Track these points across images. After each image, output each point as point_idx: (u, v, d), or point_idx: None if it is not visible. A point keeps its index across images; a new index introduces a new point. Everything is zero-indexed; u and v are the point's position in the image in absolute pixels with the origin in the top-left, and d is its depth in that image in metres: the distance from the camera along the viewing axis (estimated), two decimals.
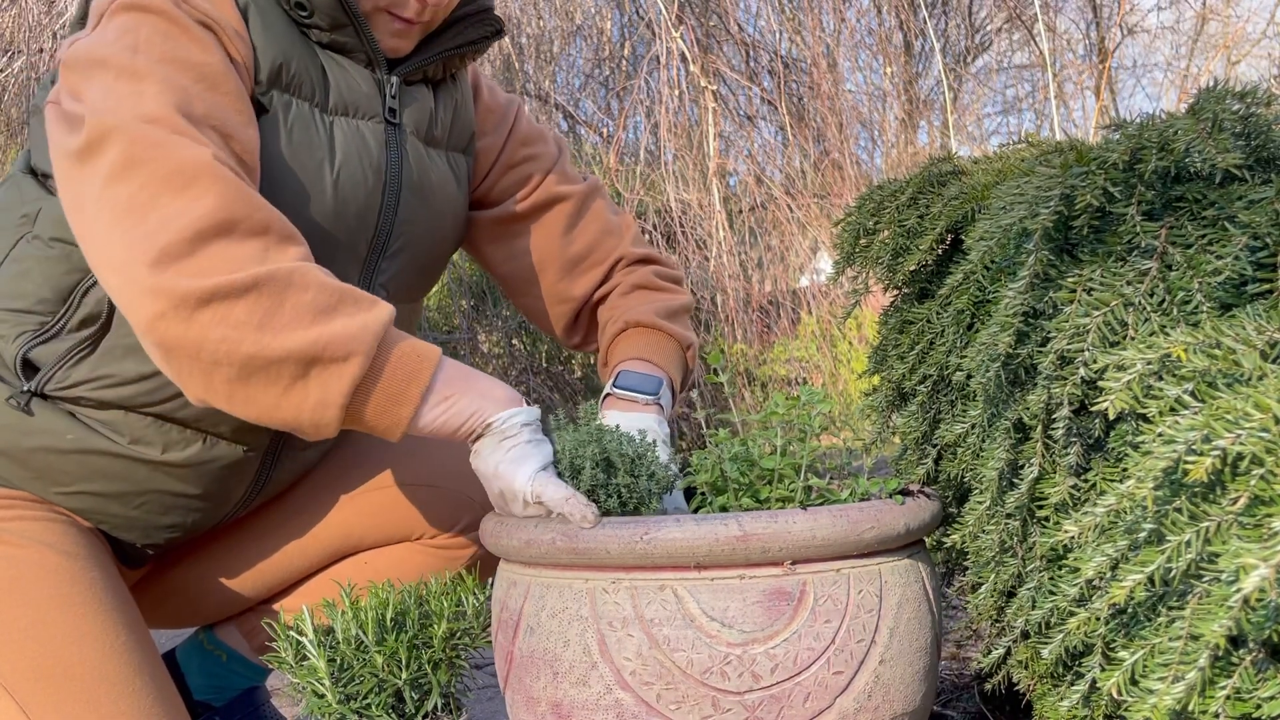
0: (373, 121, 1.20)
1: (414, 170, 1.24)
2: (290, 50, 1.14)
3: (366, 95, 1.20)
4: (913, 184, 1.18)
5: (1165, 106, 4.80)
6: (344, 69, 1.18)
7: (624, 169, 4.88)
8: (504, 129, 1.40)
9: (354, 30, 1.17)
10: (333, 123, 1.17)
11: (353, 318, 0.96)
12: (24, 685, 1.04)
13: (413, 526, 1.38)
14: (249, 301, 0.93)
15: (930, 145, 6.31)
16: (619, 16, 5.50)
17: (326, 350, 0.94)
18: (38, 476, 1.15)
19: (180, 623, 1.41)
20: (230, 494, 1.25)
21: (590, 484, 0.97)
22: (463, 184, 1.35)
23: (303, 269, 0.97)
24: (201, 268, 0.93)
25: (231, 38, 1.09)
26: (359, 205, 1.18)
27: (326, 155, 1.15)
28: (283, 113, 1.13)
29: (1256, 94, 0.83)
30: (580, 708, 0.88)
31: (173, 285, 0.92)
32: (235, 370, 0.95)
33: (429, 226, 1.29)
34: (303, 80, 1.14)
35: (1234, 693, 0.62)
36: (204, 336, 0.93)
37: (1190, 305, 0.76)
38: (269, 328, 0.93)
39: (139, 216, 0.95)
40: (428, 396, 0.99)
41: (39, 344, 1.12)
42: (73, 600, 1.08)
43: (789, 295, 4.83)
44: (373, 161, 1.19)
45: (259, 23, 1.12)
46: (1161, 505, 0.62)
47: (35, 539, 1.12)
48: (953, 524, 1.01)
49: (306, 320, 0.94)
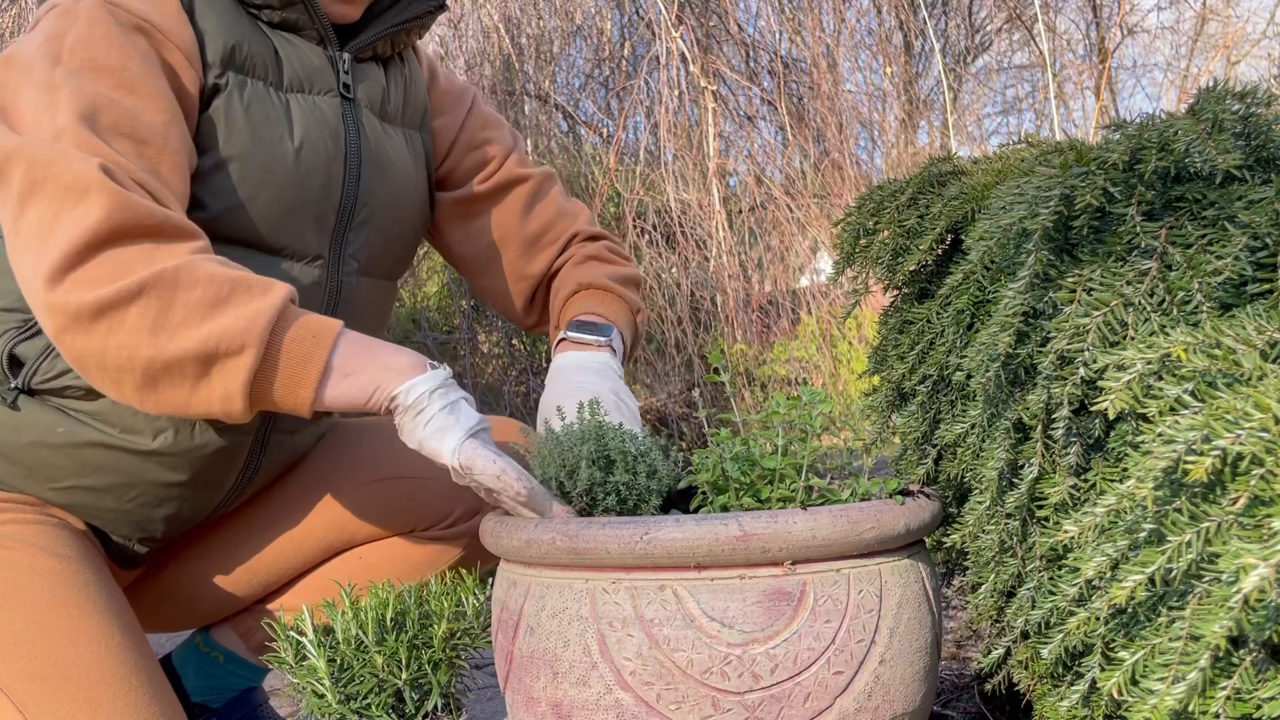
0: (328, 96, 1.23)
1: (371, 143, 1.27)
2: (240, 33, 1.15)
3: (320, 71, 1.22)
4: (913, 184, 1.18)
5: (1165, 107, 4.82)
6: (296, 47, 1.20)
7: (624, 169, 4.88)
8: (461, 109, 1.43)
9: (303, 6, 1.19)
10: (289, 99, 1.19)
11: (244, 307, 0.97)
12: (21, 686, 1.04)
13: (406, 519, 1.38)
14: (139, 307, 0.95)
15: (930, 145, 6.31)
16: (619, 17, 5.50)
17: (220, 345, 0.96)
18: (30, 474, 1.15)
19: (176, 625, 1.41)
20: (222, 480, 1.26)
21: (588, 483, 0.97)
22: (420, 161, 1.37)
23: (190, 264, 0.97)
24: (90, 279, 0.95)
25: (167, 35, 1.10)
26: (322, 175, 1.20)
27: (286, 129, 1.17)
28: (238, 91, 1.14)
29: (1256, 94, 0.83)
30: (580, 708, 0.88)
31: (66, 300, 0.95)
32: (139, 375, 0.97)
33: (391, 198, 1.31)
34: (255, 61, 1.16)
35: (1234, 693, 0.62)
36: (104, 346, 0.95)
37: (1190, 305, 0.76)
38: (163, 330, 0.95)
39: (43, 238, 0.97)
40: (326, 377, 1.00)
41: (23, 340, 1.13)
42: (67, 602, 1.08)
43: (789, 295, 4.83)
44: (332, 133, 1.22)
45: (206, 9, 1.14)
46: (1161, 505, 0.62)
47: (28, 542, 1.12)
48: (953, 524, 1.01)
49: (198, 318, 0.96)
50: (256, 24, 1.18)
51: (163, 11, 1.11)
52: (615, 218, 4.80)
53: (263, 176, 1.14)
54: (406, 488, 1.39)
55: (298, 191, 1.18)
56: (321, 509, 1.38)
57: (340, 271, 1.25)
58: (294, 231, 1.18)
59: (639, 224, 4.68)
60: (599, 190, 4.82)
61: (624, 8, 5.38)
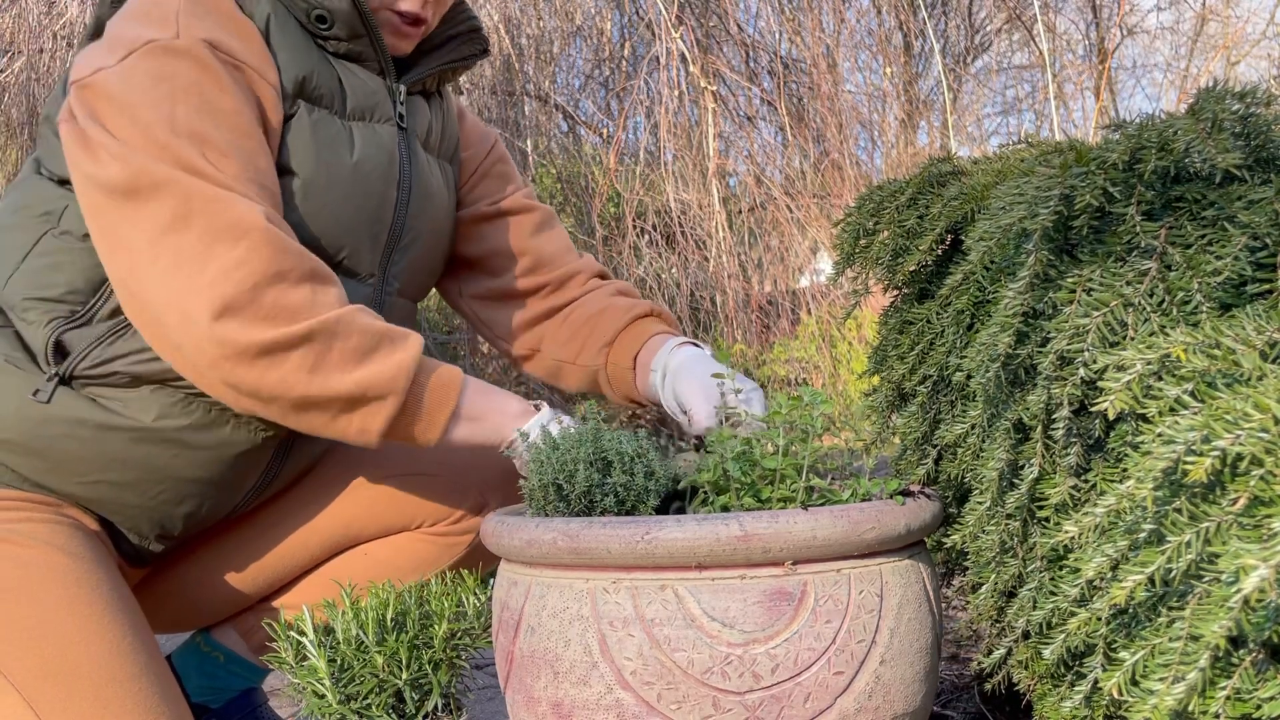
0: (387, 124, 1.29)
1: (421, 172, 1.34)
2: (310, 64, 1.21)
3: (380, 101, 1.28)
4: (912, 184, 1.18)
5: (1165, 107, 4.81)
6: (358, 77, 1.26)
7: (624, 169, 4.88)
8: (486, 145, 1.53)
9: (369, 40, 1.26)
10: (352, 127, 1.25)
11: (389, 358, 1.09)
12: (32, 684, 1.04)
13: (412, 516, 1.40)
14: (302, 352, 1.06)
15: (930, 146, 6.31)
16: (619, 17, 5.50)
17: (368, 392, 1.08)
18: (55, 468, 1.16)
19: (180, 625, 1.42)
20: (244, 482, 1.28)
21: (586, 485, 0.97)
22: (452, 191, 1.45)
23: (348, 317, 1.08)
24: (259, 319, 1.04)
25: (260, 71, 1.16)
26: (378, 197, 1.26)
27: (349, 151, 1.23)
28: (308, 117, 1.20)
29: (1256, 94, 0.83)
30: (581, 708, 0.88)
31: (236, 336, 1.04)
32: (289, 405, 1.08)
33: (432, 225, 1.38)
34: (323, 91, 1.22)
35: (1234, 693, 0.62)
36: (262, 379, 1.06)
37: (1190, 305, 0.76)
38: (319, 372, 1.07)
39: (198, 266, 1.04)
40: (455, 421, 1.14)
41: (71, 329, 1.16)
42: (79, 601, 1.09)
43: (789, 295, 4.83)
44: (389, 158, 1.28)
45: (281, 41, 1.20)
46: (1161, 506, 0.62)
47: (41, 540, 1.12)
48: (953, 524, 1.01)
49: (351, 365, 1.08)
50: (324, 54, 1.24)
51: (253, 50, 1.16)
52: (615, 218, 4.80)
53: (325, 194, 1.20)
54: (412, 484, 1.40)
55: (356, 210, 1.23)
56: (329, 507, 1.39)
57: (384, 291, 1.31)
58: (351, 248, 1.24)
59: (639, 224, 4.68)
60: (599, 190, 4.81)
61: (624, 8, 5.38)
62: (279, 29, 1.20)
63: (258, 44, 1.17)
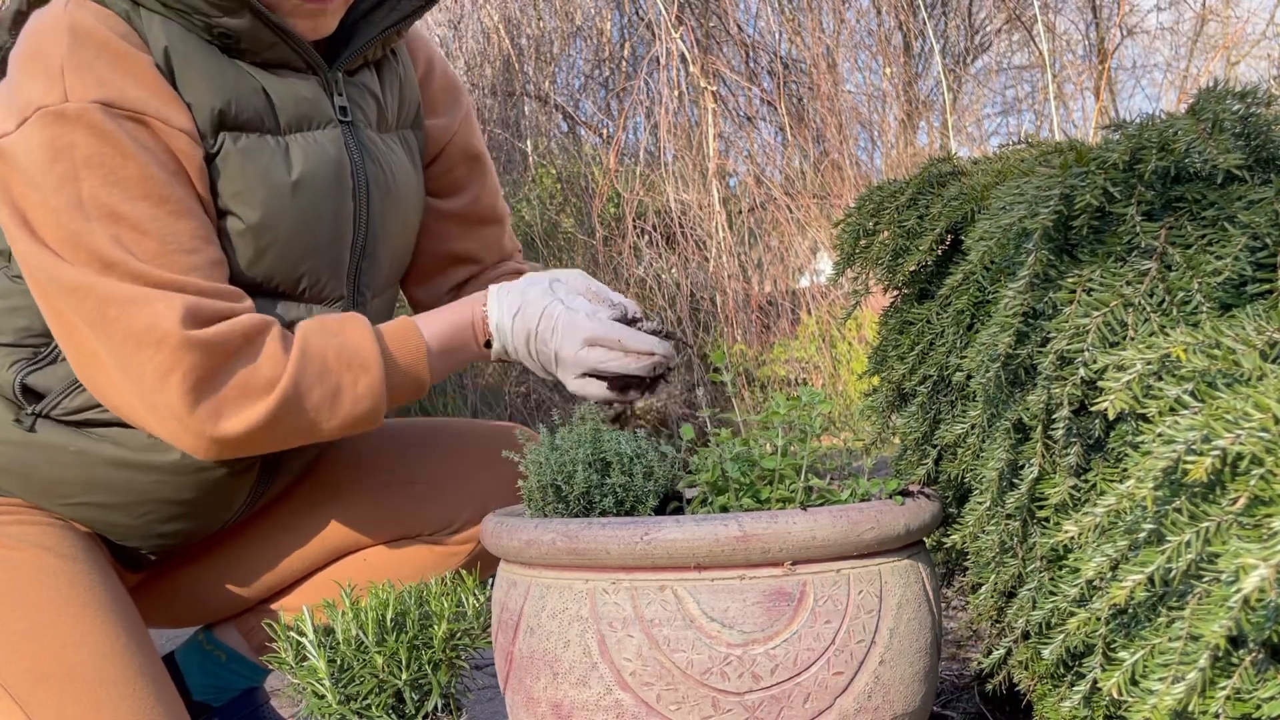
0: (328, 129, 1.19)
1: (377, 166, 1.24)
2: (227, 89, 1.10)
3: (314, 103, 1.17)
4: (912, 185, 1.18)
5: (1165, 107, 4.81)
6: (286, 83, 1.16)
7: (624, 169, 4.88)
8: (458, 113, 1.41)
9: (285, 44, 1.14)
10: (288, 143, 1.15)
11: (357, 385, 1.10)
12: (25, 687, 1.04)
13: (412, 524, 1.38)
14: (276, 427, 1.07)
15: (930, 146, 6.31)
16: (619, 17, 5.50)
17: (356, 424, 1.12)
18: (41, 490, 1.16)
19: (181, 623, 1.42)
20: (232, 501, 1.26)
21: (584, 486, 0.97)
22: (417, 160, 1.35)
23: (298, 373, 1.07)
24: (219, 412, 1.04)
25: (165, 118, 1.06)
26: (332, 217, 1.18)
27: (287, 177, 1.14)
28: (234, 149, 1.11)
29: (1256, 94, 0.83)
30: (580, 708, 0.88)
31: (211, 431, 1.04)
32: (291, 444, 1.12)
33: (400, 218, 1.30)
34: (249, 115, 1.12)
35: (1234, 693, 0.62)
36: (255, 448, 1.09)
37: (1190, 305, 0.76)
38: (304, 434, 1.10)
39: (136, 372, 1.02)
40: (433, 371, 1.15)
41: (34, 371, 1.13)
42: (72, 603, 1.08)
43: (789, 296, 4.83)
44: (336, 169, 1.18)
45: (187, 72, 1.09)
46: (1161, 505, 0.62)
47: (33, 542, 1.12)
48: (953, 524, 1.01)
49: (328, 413, 1.09)
50: (239, 69, 1.12)
51: (152, 92, 1.06)
52: (615, 218, 4.80)
53: (271, 232, 1.13)
54: (412, 494, 1.39)
55: (310, 239, 1.16)
56: (328, 515, 1.38)
57: (357, 305, 1.26)
58: (311, 277, 1.18)
59: (639, 224, 4.68)
60: (599, 190, 4.81)
61: (624, 8, 5.38)
62: (182, 59, 1.08)
63: (156, 84, 1.06)
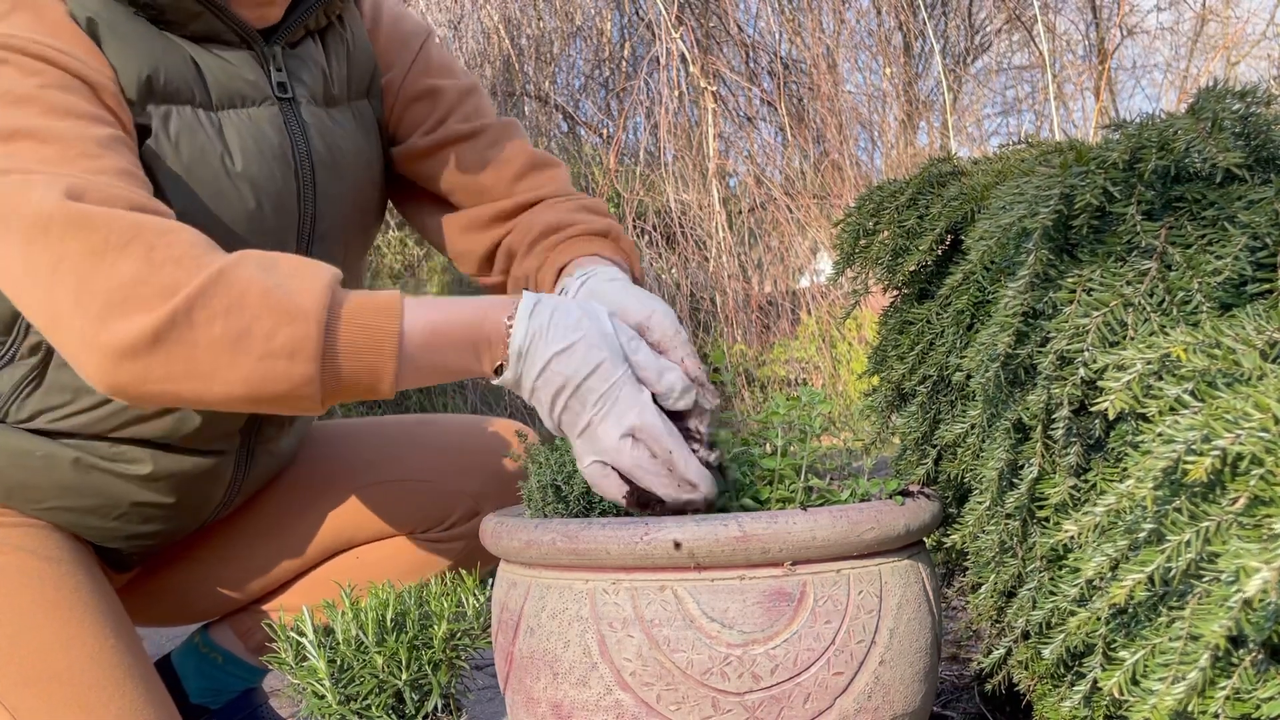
0: (265, 106, 1.11)
1: (320, 144, 1.16)
2: (154, 58, 1.03)
3: (249, 80, 1.10)
4: (912, 185, 1.18)
5: (1165, 107, 4.82)
6: (219, 58, 1.08)
7: (624, 169, 4.88)
8: (407, 58, 1.27)
9: (213, 15, 1.07)
10: (221, 120, 1.08)
11: (273, 337, 0.87)
12: (13, 691, 1.03)
13: (405, 521, 1.38)
14: (165, 355, 0.86)
15: (930, 146, 6.31)
16: (619, 17, 5.50)
17: (264, 393, 0.89)
18: (11, 493, 1.14)
19: (172, 622, 1.41)
20: (209, 498, 1.25)
21: (584, 485, 0.97)
22: (372, 132, 1.25)
23: (201, 294, 0.86)
24: (131, 306, 0.86)
25: (91, 66, 0.99)
26: (274, 200, 1.11)
27: (223, 156, 1.07)
28: (163, 125, 1.04)
29: (1256, 94, 0.83)
30: (580, 708, 0.88)
31: (115, 339, 0.86)
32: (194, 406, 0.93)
33: (351, 195, 1.21)
34: (178, 85, 1.05)
35: (1234, 693, 0.62)
36: (147, 379, 0.87)
37: (1190, 305, 0.76)
38: (195, 375, 0.88)
39: (37, 277, 0.88)
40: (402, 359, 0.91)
41: None
42: (58, 605, 1.07)
43: (789, 296, 4.83)
44: (275, 149, 1.11)
45: (112, 42, 1.02)
46: (1161, 505, 0.62)
47: (16, 545, 1.11)
48: (953, 524, 1.01)
49: (226, 360, 0.87)
50: (169, 40, 1.05)
51: (78, 44, 0.99)
52: (616, 218, 4.80)
53: (209, 214, 1.06)
54: (404, 490, 1.38)
55: (252, 223, 1.09)
56: (319, 513, 1.37)
57: None
58: None
59: (639, 224, 4.68)
60: (599, 190, 4.81)
61: (624, 8, 5.38)
62: (107, 26, 1.01)
63: (76, 37, 0.99)
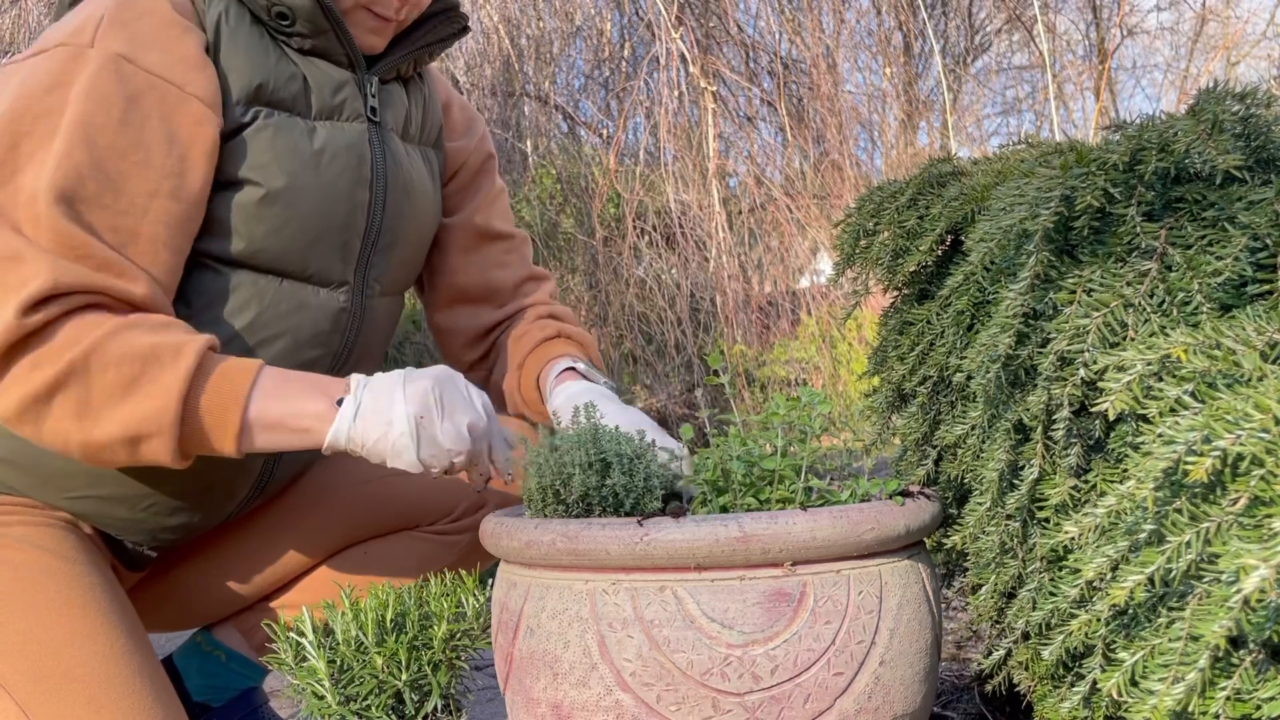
0: (356, 122, 1.23)
1: (398, 167, 1.28)
2: (267, 68, 1.15)
3: (348, 97, 1.22)
4: (912, 185, 1.18)
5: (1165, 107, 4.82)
6: (324, 73, 1.21)
7: (624, 170, 4.88)
8: (474, 137, 1.47)
9: (334, 35, 1.19)
10: (316, 127, 1.19)
11: (155, 385, 1.01)
12: (25, 687, 1.04)
13: (410, 516, 1.40)
14: (60, 399, 1.00)
15: (930, 146, 6.31)
16: (619, 17, 5.50)
17: (141, 430, 1.01)
18: (44, 483, 1.16)
19: (179, 625, 1.42)
20: (235, 492, 1.27)
21: (581, 489, 0.97)
22: (435, 178, 1.39)
23: (101, 346, 1.00)
24: (4, 384, 0.99)
25: (183, 87, 1.08)
26: (347, 204, 1.21)
27: (312, 156, 1.18)
28: (265, 123, 1.15)
29: (1256, 95, 0.83)
30: (580, 709, 0.88)
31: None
32: (78, 453, 1.03)
33: (415, 222, 1.33)
34: (283, 94, 1.17)
35: (1234, 693, 0.62)
36: (39, 435, 1.02)
37: (1190, 306, 0.76)
38: (86, 417, 1.01)
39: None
40: (247, 435, 1.05)
41: None
42: (72, 604, 1.09)
43: (789, 296, 4.83)
44: (359, 159, 1.23)
45: (233, 46, 1.14)
46: (1161, 506, 0.62)
47: (33, 544, 1.12)
48: (953, 525, 1.01)
49: (115, 402, 1.01)
50: (284, 52, 1.18)
51: (180, 58, 1.09)
52: (615, 218, 4.80)
53: (289, 207, 1.16)
54: (411, 484, 1.40)
55: (322, 220, 1.19)
56: (327, 508, 1.38)
57: (364, 295, 1.27)
58: (320, 259, 1.20)
59: (639, 224, 4.68)
60: (599, 191, 4.81)
61: (624, 8, 5.38)
62: (230, 32, 1.14)
63: (191, 53, 1.10)
